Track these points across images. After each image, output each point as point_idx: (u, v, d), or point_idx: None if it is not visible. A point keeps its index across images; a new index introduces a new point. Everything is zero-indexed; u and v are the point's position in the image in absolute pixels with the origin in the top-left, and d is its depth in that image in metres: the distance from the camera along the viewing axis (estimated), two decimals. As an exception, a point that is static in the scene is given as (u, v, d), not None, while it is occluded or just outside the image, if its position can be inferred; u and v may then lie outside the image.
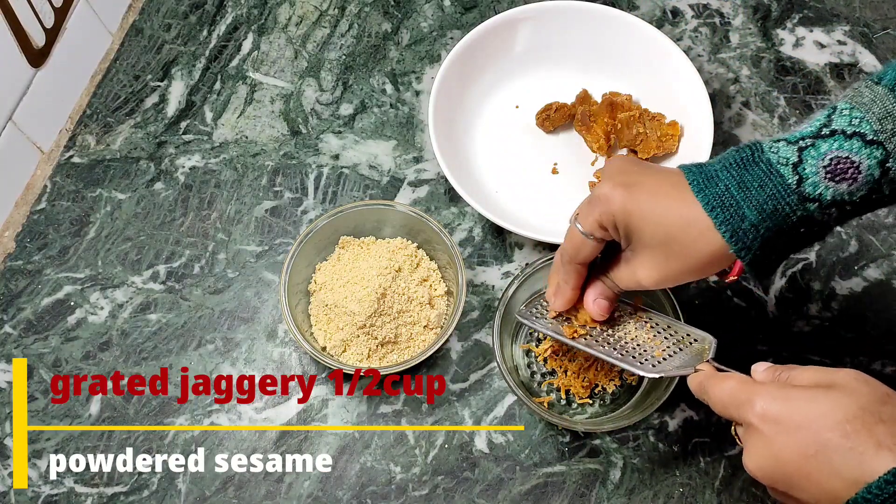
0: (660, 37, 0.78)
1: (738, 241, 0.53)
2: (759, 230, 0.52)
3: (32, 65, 0.76)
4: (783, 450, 0.46)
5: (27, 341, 0.72)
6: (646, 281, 0.56)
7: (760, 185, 0.53)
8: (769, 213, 0.52)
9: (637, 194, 0.55)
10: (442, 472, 0.67)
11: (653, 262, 0.56)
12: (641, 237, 0.55)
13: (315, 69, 0.85)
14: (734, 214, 0.53)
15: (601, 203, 0.56)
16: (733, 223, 0.53)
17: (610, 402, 0.69)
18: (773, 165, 0.53)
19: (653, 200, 0.55)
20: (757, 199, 0.53)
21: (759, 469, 0.48)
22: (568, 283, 0.60)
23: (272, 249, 0.76)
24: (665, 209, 0.55)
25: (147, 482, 0.67)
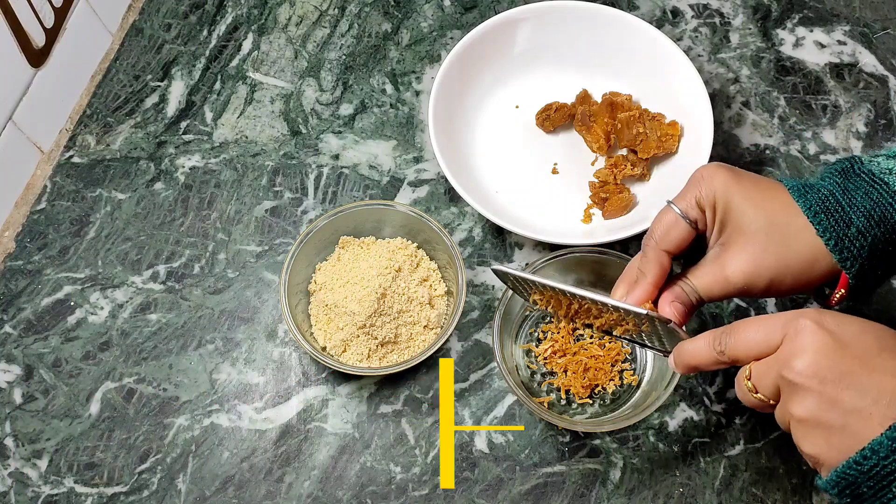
0: (660, 37, 0.78)
1: (843, 249, 0.50)
2: (866, 237, 0.50)
3: (32, 65, 0.76)
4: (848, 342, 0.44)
5: (27, 341, 0.72)
6: (735, 275, 0.52)
7: (865, 192, 0.50)
8: (878, 219, 0.50)
9: (741, 177, 0.53)
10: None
11: (747, 253, 0.52)
12: (740, 221, 0.52)
13: (315, 69, 0.85)
14: (839, 220, 0.50)
15: (703, 181, 0.53)
16: (838, 230, 0.50)
17: (610, 402, 0.69)
18: (877, 175, 0.51)
19: (756, 186, 0.52)
20: (863, 205, 0.50)
21: (816, 362, 0.44)
22: (647, 273, 0.55)
23: (272, 249, 0.76)
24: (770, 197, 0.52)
25: (147, 482, 0.67)
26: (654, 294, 0.56)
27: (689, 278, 0.55)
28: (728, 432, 0.68)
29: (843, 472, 0.44)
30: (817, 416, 0.44)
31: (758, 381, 0.47)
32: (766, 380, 0.47)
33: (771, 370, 0.46)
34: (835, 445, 0.44)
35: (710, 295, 0.54)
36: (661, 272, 0.55)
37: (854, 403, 0.43)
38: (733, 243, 0.53)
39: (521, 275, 0.58)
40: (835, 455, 0.44)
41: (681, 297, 0.55)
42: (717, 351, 0.49)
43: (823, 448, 0.44)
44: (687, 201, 0.54)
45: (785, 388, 0.46)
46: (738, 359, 0.48)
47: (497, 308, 0.66)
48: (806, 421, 0.45)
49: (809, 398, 0.44)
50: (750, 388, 0.48)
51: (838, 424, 0.43)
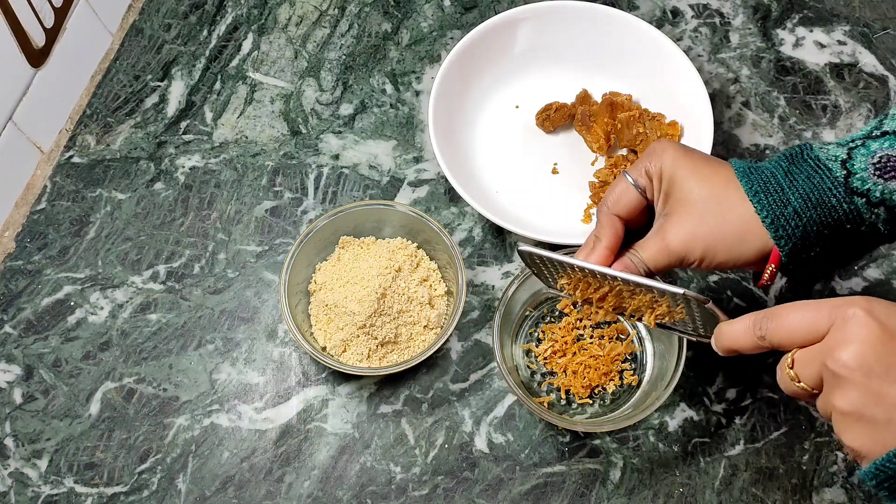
0: (660, 37, 0.78)
1: (778, 227, 0.52)
2: (801, 217, 0.51)
3: (32, 65, 0.76)
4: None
5: (27, 341, 0.72)
6: (674, 243, 0.55)
7: (808, 176, 0.52)
8: (815, 202, 0.51)
9: (690, 153, 0.56)
10: (442, 472, 0.67)
11: (685, 221, 0.54)
12: (682, 192, 0.54)
13: (315, 69, 0.85)
14: (777, 200, 0.52)
15: (654, 153, 0.56)
16: (775, 209, 0.52)
17: (610, 402, 0.69)
18: (822, 161, 0.52)
19: (703, 162, 0.55)
20: (803, 188, 0.52)
21: (863, 354, 0.43)
22: (601, 237, 0.58)
23: (272, 249, 0.76)
24: (714, 172, 0.55)
25: (147, 482, 0.67)
26: (609, 258, 0.58)
27: (636, 249, 0.57)
28: (728, 432, 0.68)
29: (882, 465, 0.43)
30: (861, 410, 0.43)
31: (801, 369, 0.46)
32: (810, 369, 0.46)
33: (815, 359, 0.45)
34: (878, 440, 0.43)
35: (656, 264, 0.56)
36: (613, 236, 0.58)
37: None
38: (674, 213, 0.55)
39: (551, 255, 0.57)
40: (877, 448, 0.43)
41: (629, 267, 0.57)
42: (757, 335, 0.49)
43: (866, 441, 0.44)
44: (638, 171, 0.57)
45: (829, 378, 0.45)
46: (780, 344, 0.47)
47: (497, 308, 0.66)
48: (849, 414, 0.44)
49: (854, 391, 0.43)
50: (792, 376, 0.47)
51: (883, 419, 0.43)
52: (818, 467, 0.67)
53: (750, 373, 0.70)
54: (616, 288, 0.57)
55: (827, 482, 0.67)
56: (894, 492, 0.43)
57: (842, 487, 0.67)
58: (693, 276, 0.74)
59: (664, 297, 0.55)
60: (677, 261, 0.56)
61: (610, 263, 0.58)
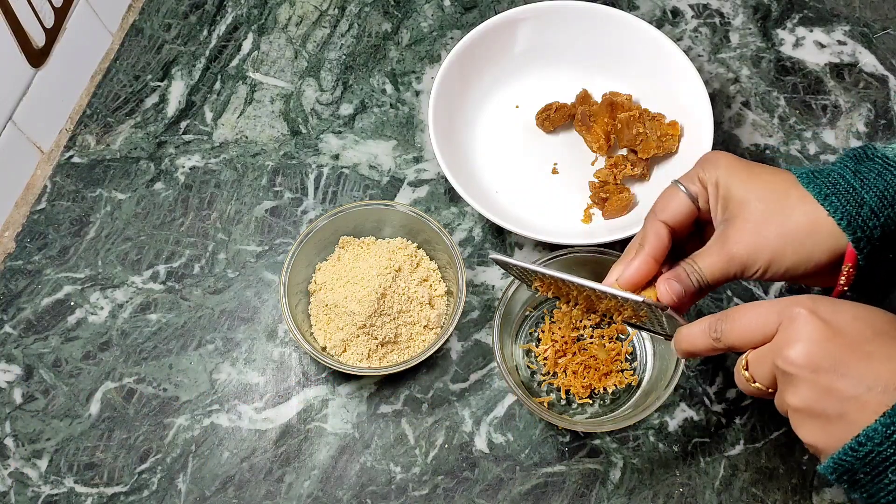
0: (660, 37, 0.78)
1: (855, 228, 0.49)
2: (879, 217, 0.49)
3: (32, 65, 0.76)
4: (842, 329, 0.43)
5: (27, 341, 0.72)
6: (737, 248, 0.51)
7: (878, 174, 0.50)
8: (891, 200, 0.49)
9: (745, 161, 0.54)
10: (442, 472, 0.67)
11: (747, 224, 0.51)
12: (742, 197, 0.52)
13: (315, 69, 0.85)
14: (851, 201, 0.50)
15: (707, 162, 0.54)
16: (850, 209, 0.49)
17: (610, 402, 0.69)
18: (891, 158, 0.51)
19: (760, 168, 0.53)
20: (876, 186, 0.50)
21: (810, 351, 0.43)
22: (644, 244, 0.55)
23: (272, 249, 0.76)
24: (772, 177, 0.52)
25: (147, 482, 0.67)
26: (654, 268, 0.55)
27: (693, 258, 0.54)
28: (728, 432, 0.68)
29: (839, 459, 0.43)
30: (812, 406, 0.44)
31: (755, 369, 0.47)
32: (763, 368, 0.47)
33: (766, 359, 0.46)
34: (832, 433, 0.44)
35: (714, 274, 0.53)
36: (658, 243, 0.55)
37: (849, 391, 0.43)
38: (735, 218, 0.52)
39: (518, 263, 0.58)
40: (832, 443, 0.44)
41: (680, 278, 0.54)
42: (713, 337, 0.49)
43: (820, 436, 0.44)
44: (690, 179, 0.55)
45: (780, 377, 0.46)
46: (734, 346, 0.48)
47: (497, 308, 0.66)
48: (802, 410, 0.45)
49: (804, 388, 0.44)
50: (747, 377, 0.48)
51: (834, 413, 0.43)
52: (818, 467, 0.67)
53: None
54: (584, 293, 0.57)
55: (827, 482, 0.67)
56: (853, 483, 0.44)
57: (842, 487, 0.67)
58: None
59: (627, 303, 0.54)
60: (740, 269, 0.52)
61: (656, 274, 0.55)
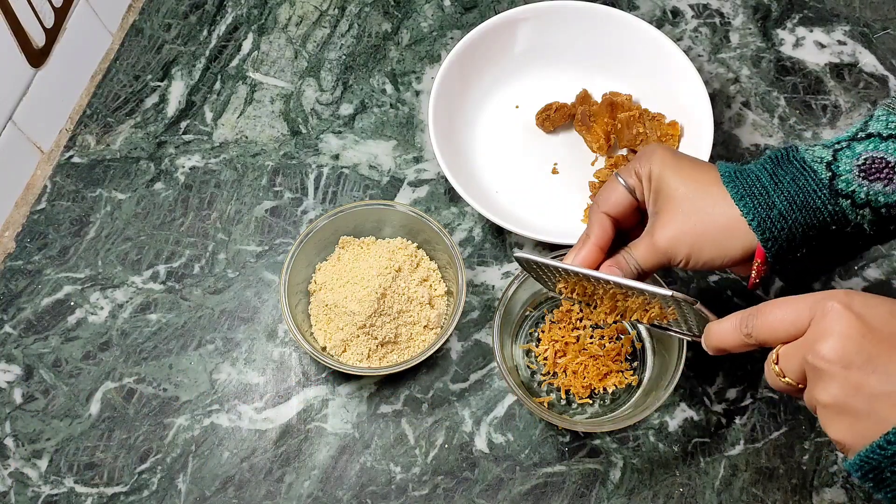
0: (660, 37, 0.78)
1: (764, 230, 0.52)
2: (787, 220, 0.52)
3: (32, 65, 0.76)
4: (875, 325, 0.43)
5: (27, 341, 0.72)
6: (661, 240, 0.55)
7: (793, 178, 0.53)
8: (800, 204, 0.52)
9: (678, 156, 0.57)
10: (442, 472, 0.67)
11: (671, 218, 0.55)
12: (669, 190, 0.56)
13: (315, 69, 0.85)
14: (763, 203, 0.53)
15: (644, 155, 0.58)
16: (761, 212, 0.53)
17: (610, 402, 0.69)
18: (807, 163, 0.53)
19: (690, 163, 0.57)
20: (788, 190, 0.53)
21: (842, 347, 0.43)
22: (590, 234, 0.59)
23: (272, 249, 0.76)
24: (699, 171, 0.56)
25: (147, 482, 0.67)
26: (599, 256, 0.59)
27: (629, 248, 0.58)
28: (728, 432, 0.68)
29: (866, 457, 0.43)
30: (843, 402, 0.44)
31: (785, 364, 0.47)
32: (793, 364, 0.46)
33: (797, 354, 0.46)
34: (860, 431, 0.43)
35: (646, 263, 0.57)
36: (602, 233, 0.59)
37: (880, 388, 0.42)
38: (661, 211, 0.56)
39: (545, 261, 0.58)
40: (860, 440, 0.43)
41: (620, 265, 0.58)
42: (743, 333, 0.49)
43: (849, 433, 0.44)
44: (628, 171, 0.59)
45: (810, 372, 0.45)
46: (766, 341, 0.48)
47: (497, 308, 0.66)
48: (831, 406, 0.44)
49: (834, 384, 0.44)
50: (777, 371, 0.47)
51: (864, 410, 0.43)
52: (818, 467, 0.67)
53: (750, 373, 0.70)
54: (610, 291, 0.58)
55: (827, 482, 0.67)
56: (879, 482, 0.43)
57: (842, 487, 0.67)
58: (693, 277, 0.74)
59: (655, 299, 0.56)
60: (665, 259, 0.56)
61: (601, 261, 0.59)
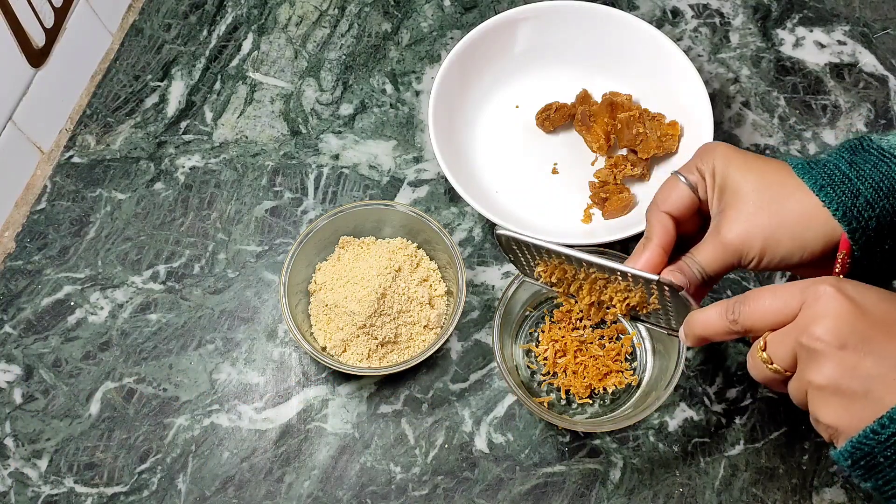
0: (660, 37, 0.78)
1: (851, 219, 0.50)
2: (874, 208, 0.50)
3: (32, 65, 0.76)
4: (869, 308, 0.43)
5: (27, 341, 0.72)
6: (730, 236, 0.52)
7: (874, 166, 0.51)
8: (886, 191, 0.50)
9: (742, 152, 0.55)
10: (442, 472, 0.67)
11: (740, 213, 0.52)
12: (736, 185, 0.53)
13: (315, 69, 0.85)
14: (846, 192, 0.50)
15: (705, 152, 0.55)
16: (846, 200, 0.50)
17: (610, 402, 0.69)
18: (886, 150, 0.51)
19: (756, 158, 0.54)
20: (871, 177, 0.50)
21: (837, 327, 0.43)
22: (652, 235, 0.56)
23: (272, 249, 0.76)
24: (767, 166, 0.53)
25: (147, 482, 0.67)
26: (663, 258, 0.55)
27: (692, 252, 0.55)
28: (728, 432, 0.68)
29: (859, 441, 0.43)
30: (837, 383, 0.43)
31: (773, 351, 0.46)
32: (783, 349, 0.46)
33: (788, 338, 0.45)
34: (854, 413, 0.43)
35: (712, 265, 0.54)
36: (664, 233, 0.55)
37: (875, 370, 0.42)
38: (729, 207, 0.53)
39: (526, 238, 0.57)
40: (854, 423, 0.43)
41: (683, 270, 0.54)
42: (729, 320, 0.48)
43: (843, 416, 0.43)
44: (688, 169, 0.56)
45: (803, 355, 0.45)
46: (752, 328, 0.47)
47: (497, 308, 0.66)
48: (825, 388, 0.44)
49: (829, 364, 0.43)
50: (765, 359, 0.47)
51: (859, 391, 0.43)
52: (818, 467, 0.67)
53: (750, 373, 0.70)
54: (591, 275, 0.56)
55: (827, 482, 0.67)
56: (871, 469, 0.43)
57: (842, 487, 0.67)
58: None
59: (638, 286, 0.54)
60: (736, 257, 0.53)
61: (664, 265, 0.55)
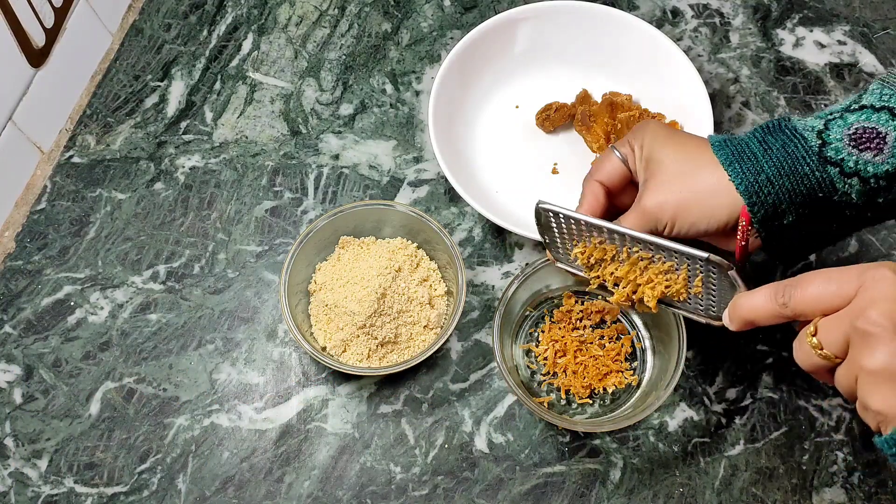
0: (660, 37, 0.78)
1: (752, 193, 0.53)
2: (774, 185, 0.53)
3: (32, 65, 0.76)
4: None
5: (27, 341, 0.72)
6: (647, 203, 0.56)
7: (782, 145, 0.54)
8: (787, 170, 0.53)
9: (670, 129, 0.59)
10: (442, 472, 0.67)
11: (658, 182, 0.56)
12: (658, 156, 0.57)
13: (315, 69, 0.85)
14: (751, 168, 0.53)
15: (638, 127, 0.60)
16: (749, 176, 0.53)
17: (610, 402, 0.69)
18: (798, 131, 0.54)
19: (681, 134, 0.59)
20: (777, 157, 0.53)
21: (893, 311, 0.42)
22: (582, 202, 0.61)
23: (272, 249, 0.76)
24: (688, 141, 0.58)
25: (147, 482, 0.67)
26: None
27: (619, 220, 0.59)
28: (728, 432, 0.68)
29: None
30: (892, 368, 0.42)
31: (825, 335, 0.46)
32: (835, 334, 0.45)
33: (842, 323, 0.45)
34: None
35: (635, 229, 0.57)
36: (594, 201, 0.60)
37: None
38: (651, 177, 0.58)
39: (572, 214, 0.58)
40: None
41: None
42: (779, 303, 0.48)
43: (894, 402, 0.43)
44: (622, 143, 0.61)
45: (857, 339, 0.44)
46: (804, 312, 0.47)
47: (497, 308, 0.66)
48: (878, 373, 0.43)
49: (883, 348, 0.43)
50: (815, 344, 0.46)
51: None
52: (818, 467, 0.67)
53: (750, 373, 0.70)
54: (633, 256, 0.57)
55: (827, 482, 0.67)
56: None
57: (842, 487, 0.67)
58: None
59: (683, 266, 0.55)
60: (652, 222, 0.57)
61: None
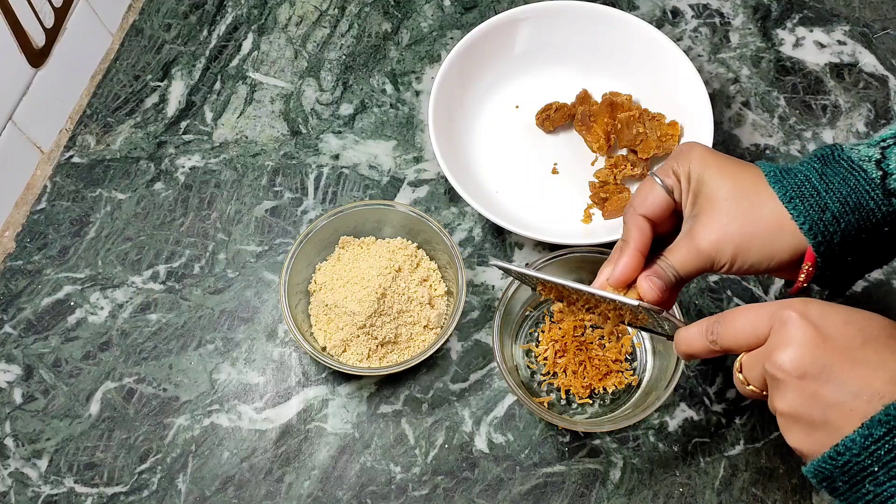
0: (660, 37, 0.78)
1: (817, 233, 0.50)
2: (840, 223, 0.50)
3: (32, 65, 0.76)
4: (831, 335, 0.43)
5: (27, 341, 0.72)
6: (703, 242, 0.53)
7: (843, 179, 0.51)
8: (853, 206, 0.50)
9: (717, 154, 0.55)
10: (442, 472, 0.67)
11: (713, 219, 0.53)
12: (710, 191, 0.53)
13: (315, 69, 0.85)
14: (814, 205, 0.51)
15: (681, 153, 0.55)
16: (813, 214, 0.51)
17: (610, 402, 0.69)
18: (856, 162, 0.52)
19: (731, 163, 0.54)
20: (840, 191, 0.51)
21: (798, 357, 0.43)
22: (629, 239, 0.56)
23: (272, 249, 0.76)
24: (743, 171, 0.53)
25: (147, 482, 0.67)
26: (640, 262, 0.56)
27: (665, 254, 0.55)
28: (728, 432, 0.68)
29: (818, 466, 0.44)
30: (798, 411, 0.44)
31: (747, 373, 0.47)
32: (754, 372, 0.47)
33: (758, 363, 0.46)
34: (816, 439, 0.44)
35: (685, 268, 0.54)
36: (640, 237, 0.56)
37: (834, 398, 0.43)
38: (702, 213, 0.53)
39: (519, 269, 0.59)
40: (816, 448, 0.44)
41: (658, 273, 0.55)
42: (709, 340, 0.49)
43: (805, 442, 0.45)
44: (665, 171, 0.56)
45: (769, 381, 0.46)
46: (730, 349, 0.48)
47: (497, 308, 0.66)
48: (788, 415, 0.45)
49: (791, 393, 0.44)
50: (741, 379, 0.48)
51: (819, 419, 0.43)
52: (818, 467, 0.67)
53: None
54: (584, 296, 0.58)
55: (827, 482, 0.67)
56: (833, 491, 0.44)
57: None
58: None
59: (625, 307, 0.55)
60: (708, 263, 0.53)
61: (640, 268, 0.56)
